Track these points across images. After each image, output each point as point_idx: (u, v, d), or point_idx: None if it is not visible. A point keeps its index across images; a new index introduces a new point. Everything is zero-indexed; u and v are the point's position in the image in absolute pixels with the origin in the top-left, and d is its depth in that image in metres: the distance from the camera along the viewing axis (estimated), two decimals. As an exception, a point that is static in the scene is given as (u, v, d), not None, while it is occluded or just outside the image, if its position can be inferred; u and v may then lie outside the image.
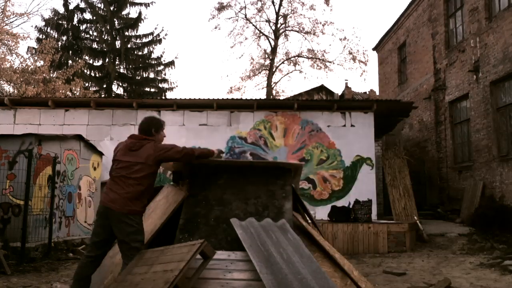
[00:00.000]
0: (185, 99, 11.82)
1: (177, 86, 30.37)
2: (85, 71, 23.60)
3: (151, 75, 25.70)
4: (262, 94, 24.91)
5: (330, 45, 65.05)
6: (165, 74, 25.80)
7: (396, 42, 18.43)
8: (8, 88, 18.73)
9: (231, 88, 25.94)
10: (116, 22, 25.15)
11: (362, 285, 3.24)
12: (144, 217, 4.42)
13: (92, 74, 24.75)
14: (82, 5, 24.92)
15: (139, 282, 3.06)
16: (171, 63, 25.57)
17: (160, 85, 25.76)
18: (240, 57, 51.58)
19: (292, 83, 65.14)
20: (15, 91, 17.89)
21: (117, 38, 24.98)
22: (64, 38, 24.36)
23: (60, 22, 24.17)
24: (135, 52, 25.33)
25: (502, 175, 10.50)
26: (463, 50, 12.60)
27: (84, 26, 25.44)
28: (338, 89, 31.72)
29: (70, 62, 22.62)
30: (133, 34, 25.19)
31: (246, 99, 12.77)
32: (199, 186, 3.91)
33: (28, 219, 7.27)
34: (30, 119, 11.84)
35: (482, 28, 11.56)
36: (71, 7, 24.84)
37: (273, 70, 24.93)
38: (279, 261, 3.06)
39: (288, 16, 24.65)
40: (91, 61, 24.81)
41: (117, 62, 25.07)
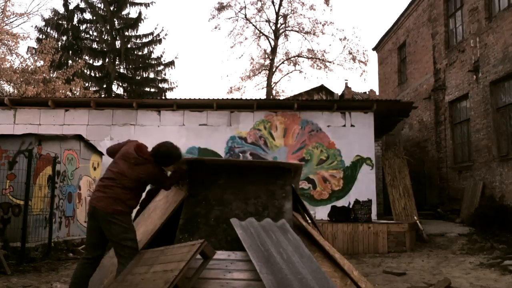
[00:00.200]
0: (185, 99, 11.81)
1: (177, 86, 30.38)
2: (85, 71, 23.59)
3: (151, 75, 25.70)
4: (262, 94, 24.93)
5: (330, 45, 64.98)
6: (165, 74, 25.82)
7: (396, 42, 18.43)
8: (8, 88, 18.73)
9: (231, 88, 25.96)
10: (116, 22, 25.14)
11: (362, 285, 3.24)
12: (143, 217, 4.42)
13: (92, 74, 24.74)
14: (82, 5, 24.95)
15: (139, 282, 3.06)
16: (171, 63, 25.56)
17: (160, 85, 25.75)
18: (240, 57, 51.58)
19: (292, 83, 65.18)
20: (15, 91, 17.88)
21: (117, 38, 24.97)
22: (64, 38, 24.35)
23: (60, 22, 24.16)
24: (135, 52, 25.32)
25: (502, 175, 10.50)
26: (463, 50, 12.59)
27: (84, 26, 25.45)
28: (338, 89, 31.74)
29: (70, 62, 22.60)
30: (133, 34, 25.19)
31: (246, 99, 12.77)
32: (199, 186, 3.91)
33: (28, 219, 7.28)
34: (30, 119, 11.84)
35: (482, 28, 11.56)
36: (71, 7, 24.85)
37: (273, 70, 24.92)
38: (279, 261, 3.06)
39: (288, 16, 24.67)
40: (91, 61, 24.81)
41: (117, 62, 25.06)
